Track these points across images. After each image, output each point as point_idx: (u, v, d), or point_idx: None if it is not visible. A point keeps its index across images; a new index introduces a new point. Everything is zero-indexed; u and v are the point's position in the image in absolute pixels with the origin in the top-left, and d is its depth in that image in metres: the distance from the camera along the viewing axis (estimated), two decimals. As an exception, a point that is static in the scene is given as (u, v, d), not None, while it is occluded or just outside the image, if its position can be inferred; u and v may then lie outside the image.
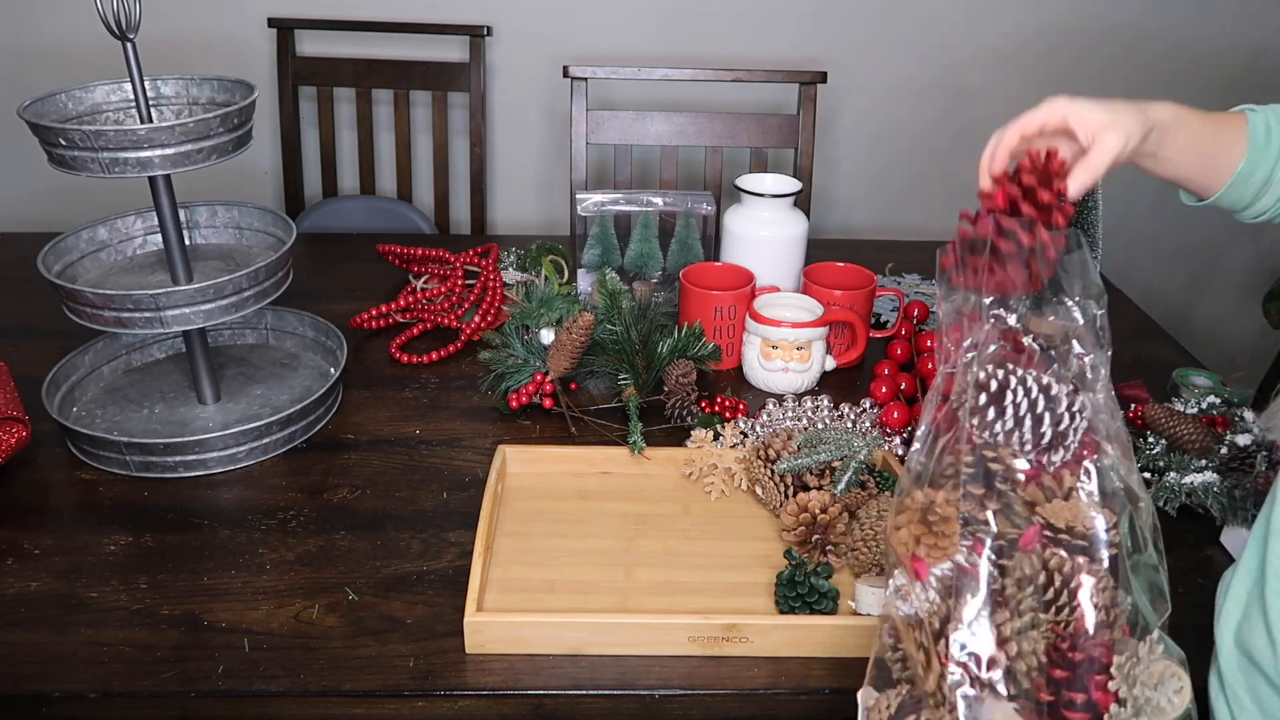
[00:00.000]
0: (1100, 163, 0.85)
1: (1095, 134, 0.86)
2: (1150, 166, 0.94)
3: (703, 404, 1.28)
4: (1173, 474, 1.15)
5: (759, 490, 1.11)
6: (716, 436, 1.20)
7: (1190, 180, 0.95)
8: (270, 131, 2.17)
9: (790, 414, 1.25)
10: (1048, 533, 0.73)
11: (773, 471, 1.09)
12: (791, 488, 1.09)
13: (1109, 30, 2.17)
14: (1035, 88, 1.65)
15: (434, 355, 1.40)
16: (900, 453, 1.21)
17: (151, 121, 1.13)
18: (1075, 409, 0.75)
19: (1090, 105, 0.87)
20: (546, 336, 1.32)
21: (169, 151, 1.06)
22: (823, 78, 1.91)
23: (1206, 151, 0.92)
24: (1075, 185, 0.85)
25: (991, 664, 0.70)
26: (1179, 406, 1.25)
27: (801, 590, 0.96)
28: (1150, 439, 1.19)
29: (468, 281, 1.57)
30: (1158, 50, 2.17)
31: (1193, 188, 0.96)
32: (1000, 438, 0.75)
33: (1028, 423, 0.75)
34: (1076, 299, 0.78)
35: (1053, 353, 0.78)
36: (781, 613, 0.96)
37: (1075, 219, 1.45)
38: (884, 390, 1.31)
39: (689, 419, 1.26)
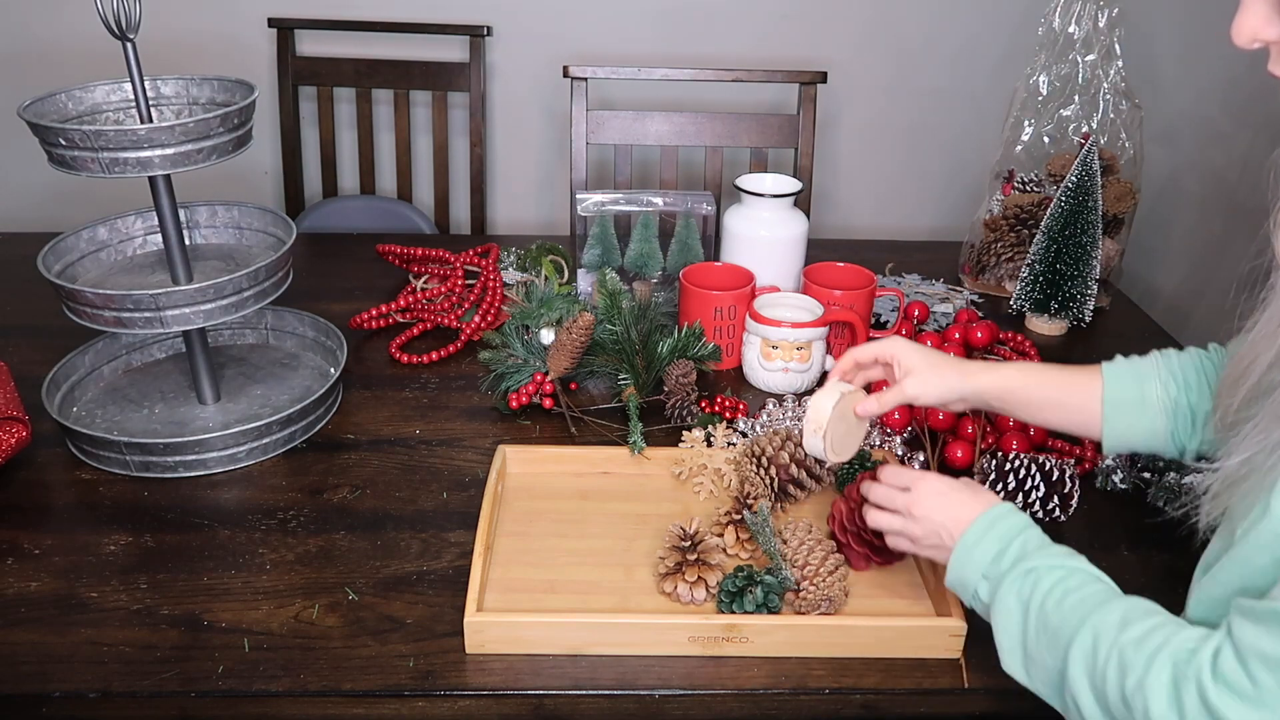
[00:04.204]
0: (891, 402, 1.01)
1: (902, 377, 1.00)
2: (1020, 416, 1.02)
3: (703, 404, 1.28)
4: (1172, 474, 1.15)
5: (748, 488, 1.10)
6: (709, 440, 1.19)
7: (1067, 427, 1.01)
8: (270, 131, 2.16)
9: (790, 414, 1.25)
10: None
11: (761, 471, 1.09)
12: (778, 490, 1.09)
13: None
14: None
15: (434, 355, 1.40)
16: (901, 452, 1.21)
17: (151, 121, 1.13)
18: None
19: (918, 353, 1.01)
20: (546, 336, 1.32)
21: (169, 151, 1.06)
22: (823, 78, 1.91)
23: (1068, 403, 0.98)
24: (863, 409, 1.01)
25: None
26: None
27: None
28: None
29: (468, 281, 1.57)
30: (1156, 48, 2.17)
31: (1079, 433, 1.02)
32: None
33: None
34: None
35: None
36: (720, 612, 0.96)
37: (1075, 220, 1.45)
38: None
39: (689, 419, 1.25)
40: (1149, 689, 0.70)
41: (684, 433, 1.19)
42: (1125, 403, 0.96)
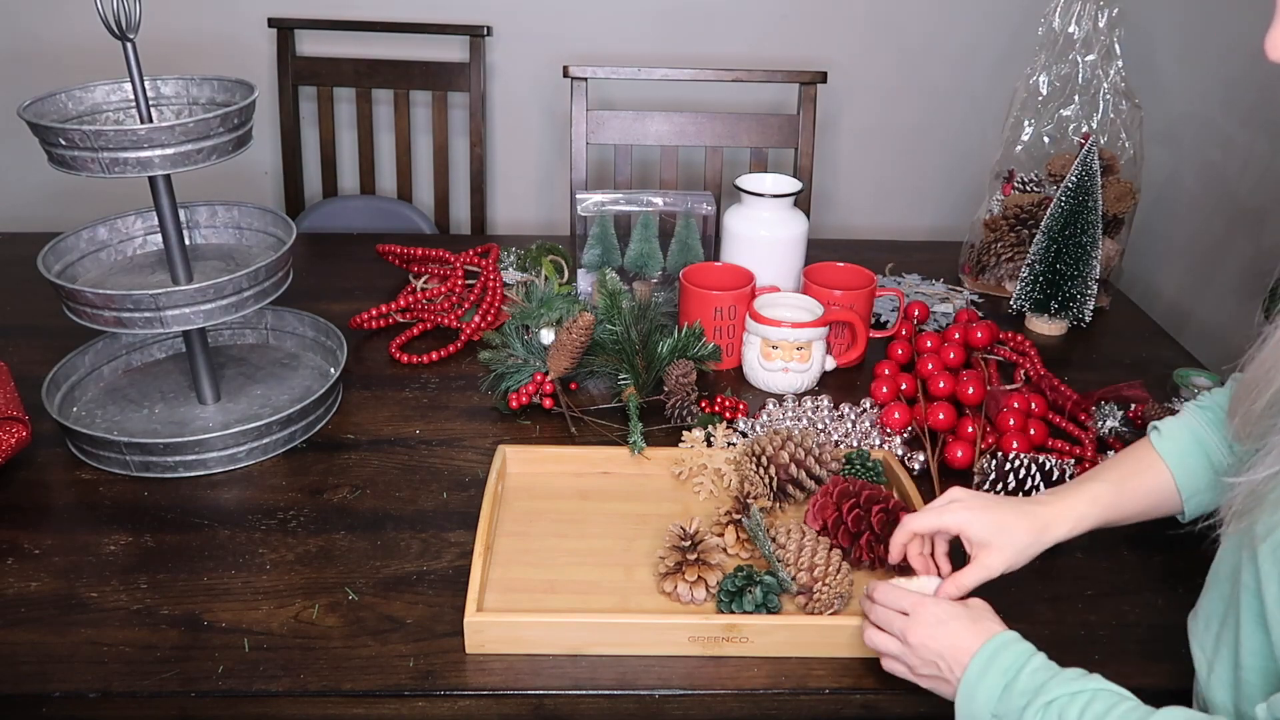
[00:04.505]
0: (972, 583, 0.89)
1: (978, 552, 0.89)
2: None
3: (703, 404, 1.28)
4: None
5: (747, 488, 1.10)
6: (709, 440, 1.19)
7: (1157, 515, 0.97)
8: (270, 131, 2.16)
9: (790, 414, 1.25)
10: None
11: (761, 470, 1.09)
12: (778, 490, 1.09)
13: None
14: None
15: (434, 355, 1.40)
16: (900, 453, 1.21)
17: (151, 121, 1.13)
18: None
19: (981, 522, 0.90)
20: (546, 336, 1.32)
21: (169, 151, 1.06)
22: (823, 78, 1.91)
23: (1149, 506, 0.95)
24: (953, 592, 0.89)
25: None
26: (1179, 406, 1.25)
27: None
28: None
29: (468, 281, 1.57)
30: (1156, 48, 2.17)
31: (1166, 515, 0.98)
32: None
33: None
34: None
35: None
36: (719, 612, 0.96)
37: (1075, 220, 1.45)
38: (884, 390, 1.31)
39: (689, 419, 1.25)
40: None
41: (684, 433, 1.19)
42: (1202, 489, 0.94)
